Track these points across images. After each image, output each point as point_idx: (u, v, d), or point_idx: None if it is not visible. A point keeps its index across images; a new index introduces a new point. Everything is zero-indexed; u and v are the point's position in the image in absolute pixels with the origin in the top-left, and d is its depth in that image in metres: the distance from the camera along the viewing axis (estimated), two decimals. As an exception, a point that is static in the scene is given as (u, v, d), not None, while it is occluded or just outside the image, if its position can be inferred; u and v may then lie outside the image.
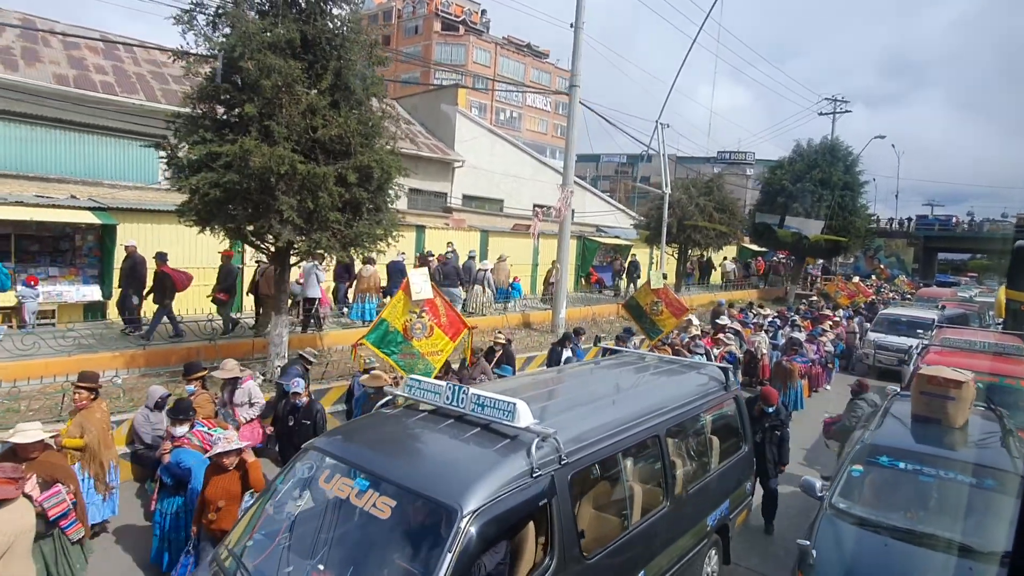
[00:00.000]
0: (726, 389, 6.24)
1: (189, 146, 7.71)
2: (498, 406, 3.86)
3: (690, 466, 5.49)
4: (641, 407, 4.92)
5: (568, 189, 14.61)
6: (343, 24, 8.43)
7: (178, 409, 5.67)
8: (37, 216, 10.58)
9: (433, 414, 4.19)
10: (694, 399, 5.60)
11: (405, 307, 7.60)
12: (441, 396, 4.15)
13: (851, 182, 26.18)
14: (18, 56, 17.46)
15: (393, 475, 3.52)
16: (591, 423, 4.36)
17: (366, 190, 8.52)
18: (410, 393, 4.34)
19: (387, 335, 7.54)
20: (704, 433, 5.78)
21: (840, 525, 5.21)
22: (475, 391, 4.04)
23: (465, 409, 4.00)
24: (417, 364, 7.58)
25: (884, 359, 16.19)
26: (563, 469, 3.79)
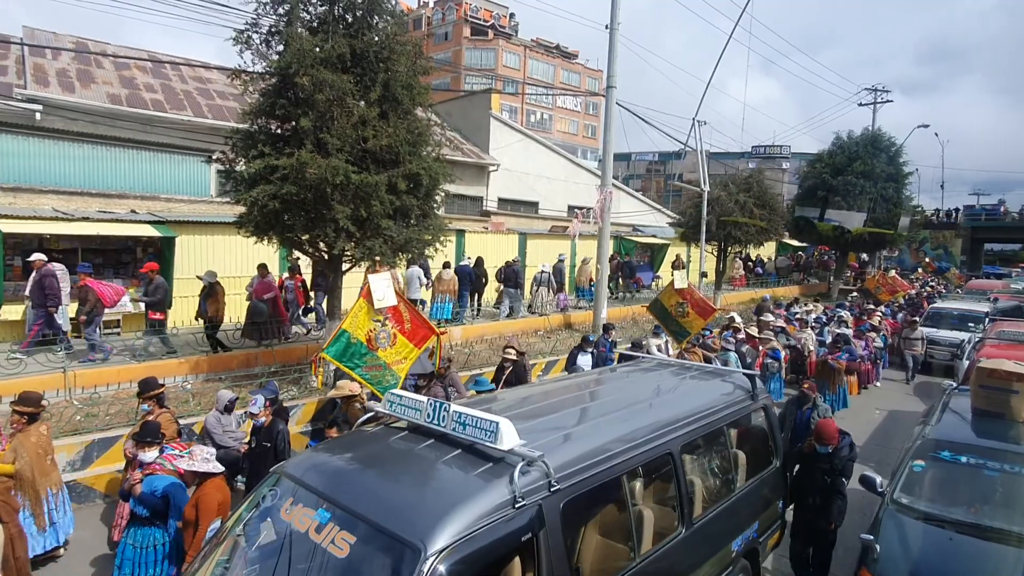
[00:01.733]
0: (753, 398, 5.68)
1: (248, 160, 8.05)
2: (480, 425, 3.43)
3: (711, 486, 5.06)
4: (651, 421, 4.46)
5: (607, 190, 14.67)
6: (389, 37, 8.69)
7: (145, 432, 5.16)
8: (104, 231, 11.15)
9: (414, 432, 3.79)
10: (715, 410, 5.10)
11: (367, 316, 7.12)
12: (422, 413, 3.73)
13: (895, 173, 25.56)
14: (74, 78, 18.37)
15: (355, 506, 3.13)
16: (590, 442, 3.92)
17: (415, 197, 8.78)
18: (390, 409, 3.94)
19: (349, 347, 7.01)
20: (727, 448, 5.29)
21: (903, 520, 5.22)
22: (457, 407, 3.61)
23: (446, 428, 3.59)
24: (385, 376, 7.15)
25: (936, 354, 15.79)
26: (553, 497, 3.36)
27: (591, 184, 31.78)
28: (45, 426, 5.69)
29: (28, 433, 5.39)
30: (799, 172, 33.55)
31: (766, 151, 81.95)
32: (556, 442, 3.81)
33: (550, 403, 4.80)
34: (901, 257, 42.65)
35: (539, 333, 14.99)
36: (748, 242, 19.24)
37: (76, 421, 7.52)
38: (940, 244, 48.63)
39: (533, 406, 4.65)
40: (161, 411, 6.14)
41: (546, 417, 4.35)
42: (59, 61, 19.33)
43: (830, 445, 5.80)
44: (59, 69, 18.63)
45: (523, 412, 4.31)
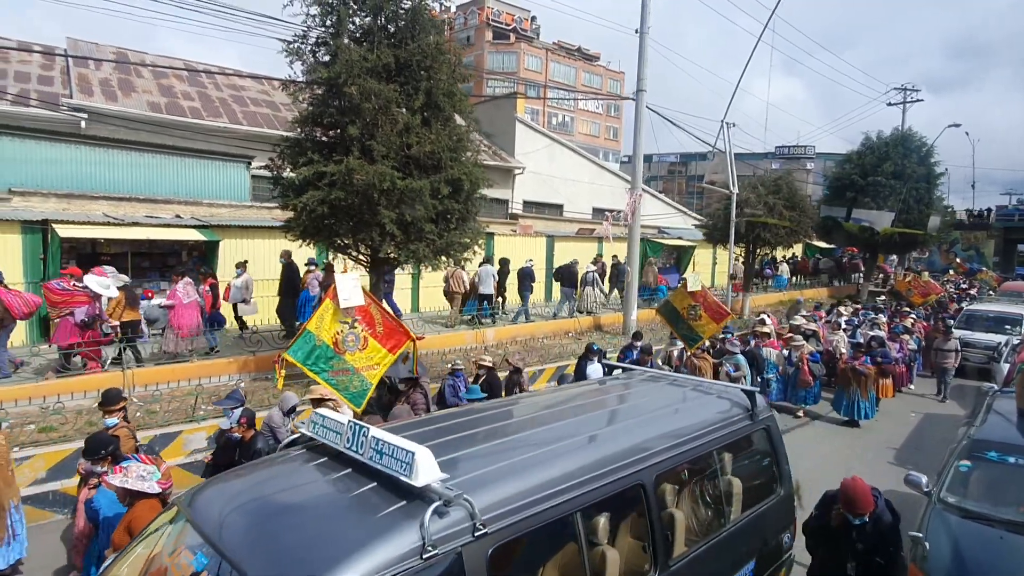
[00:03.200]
0: (752, 418, 4.98)
1: (297, 167, 8.34)
2: (396, 455, 2.98)
3: (698, 519, 4.57)
4: (620, 448, 3.91)
5: (637, 192, 14.80)
6: (432, 47, 8.94)
7: (92, 446, 4.96)
8: (153, 235, 11.57)
9: (333, 459, 3.37)
10: (704, 432, 4.49)
11: (334, 317, 6.74)
12: (342, 437, 3.31)
13: (927, 174, 25.26)
14: (116, 87, 19.00)
15: (233, 552, 2.71)
16: (537, 474, 3.37)
17: (456, 201, 9.01)
18: (312, 431, 3.54)
19: (314, 350, 6.66)
20: (718, 476, 4.70)
21: (951, 519, 5.30)
22: (377, 432, 3.17)
23: (364, 456, 3.15)
24: (352, 381, 6.78)
25: (972, 357, 15.59)
26: (478, 543, 2.87)
27: (615, 186, 31.88)
28: (3, 435, 5.39)
29: None
30: (828, 172, 33.28)
31: (790, 151, 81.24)
32: (492, 475, 3.27)
33: (500, 426, 4.15)
34: (931, 258, 42.01)
35: (569, 335, 15.15)
36: (777, 244, 19.19)
37: (137, 418, 7.86)
38: (971, 245, 47.80)
39: (477, 430, 4.00)
40: (123, 425, 5.86)
41: (489, 443, 3.76)
42: (101, 71, 19.98)
43: (861, 514, 4.47)
44: (102, 79, 19.27)
45: (461, 438, 3.77)
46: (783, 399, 11.99)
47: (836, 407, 11.73)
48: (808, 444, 10.20)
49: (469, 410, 4.72)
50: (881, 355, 12.46)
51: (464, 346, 12.90)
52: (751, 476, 5.09)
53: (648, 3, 14.52)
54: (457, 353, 12.00)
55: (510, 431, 4.10)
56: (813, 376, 11.68)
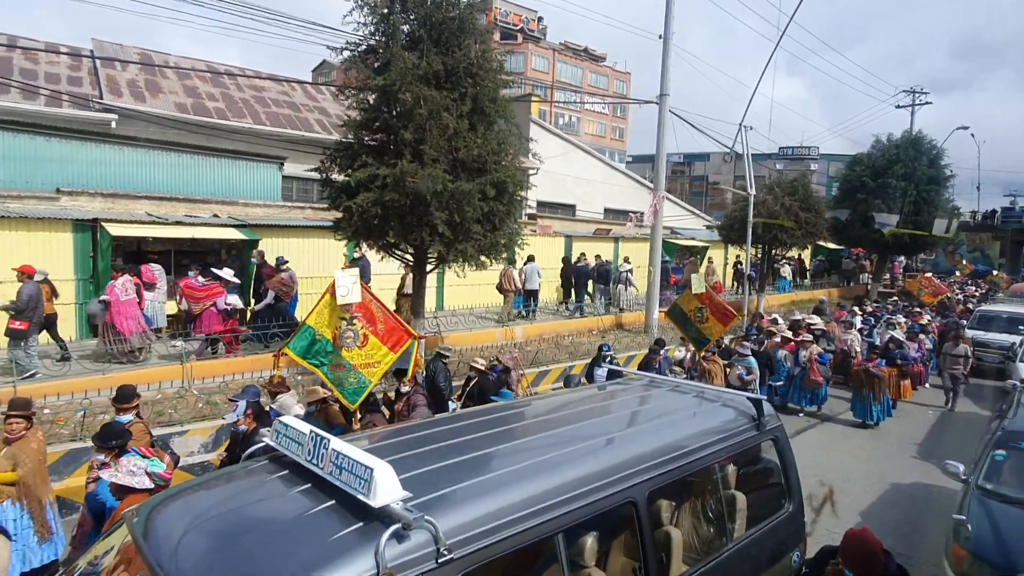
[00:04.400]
0: (758, 428, 4.70)
1: (353, 169, 8.71)
2: (355, 470, 2.77)
3: (698, 538, 4.35)
4: (609, 461, 3.64)
5: (660, 194, 15.17)
6: (479, 55, 9.31)
7: (104, 435, 5.02)
8: (197, 234, 11.95)
9: (295, 473, 3.17)
10: (704, 444, 4.21)
11: (333, 312, 6.72)
12: (304, 448, 3.11)
13: (936, 176, 25.62)
14: (143, 88, 19.36)
15: (168, 573, 2.56)
16: (513, 492, 3.11)
17: (501, 203, 9.38)
18: (275, 440, 3.35)
19: (314, 344, 6.67)
20: (720, 491, 4.47)
21: (989, 503, 5.67)
22: (337, 445, 2.96)
23: (324, 470, 2.95)
24: (347, 377, 6.70)
25: (985, 357, 15.94)
26: (442, 570, 2.66)
27: (626, 186, 32.27)
28: (40, 431, 5.46)
29: (28, 440, 5.17)
30: (837, 174, 33.64)
31: (793, 152, 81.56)
32: (462, 493, 3.02)
33: (480, 437, 3.85)
34: (936, 260, 42.41)
35: (593, 332, 15.52)
36: (793, 244, 19.57)
37: (199, 408, 8.23)
38: (977, 247, 48.19)
39: (453, 441, 3.70)
40: (137, 421, 5.86)
41: (464, 457, 3.45)
42: (127, 72, 20.34)
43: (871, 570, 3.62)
44: (129, 80, 19.63)
45: (435, 450, 3.51)
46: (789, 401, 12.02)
47: (852, 408, 11.81)
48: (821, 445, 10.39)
49: (451, 418, 4.39)
50: (900, 356, 12.58)
51: (493, 343, 13.27)
52: (757, 490, 4.86)
53: (672, 10, 14.88)
54: (489, 351, 12.38)
55: (490, 443, 3.75)
56: (822, 377, 11.65)
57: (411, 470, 3.10)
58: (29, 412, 5.28)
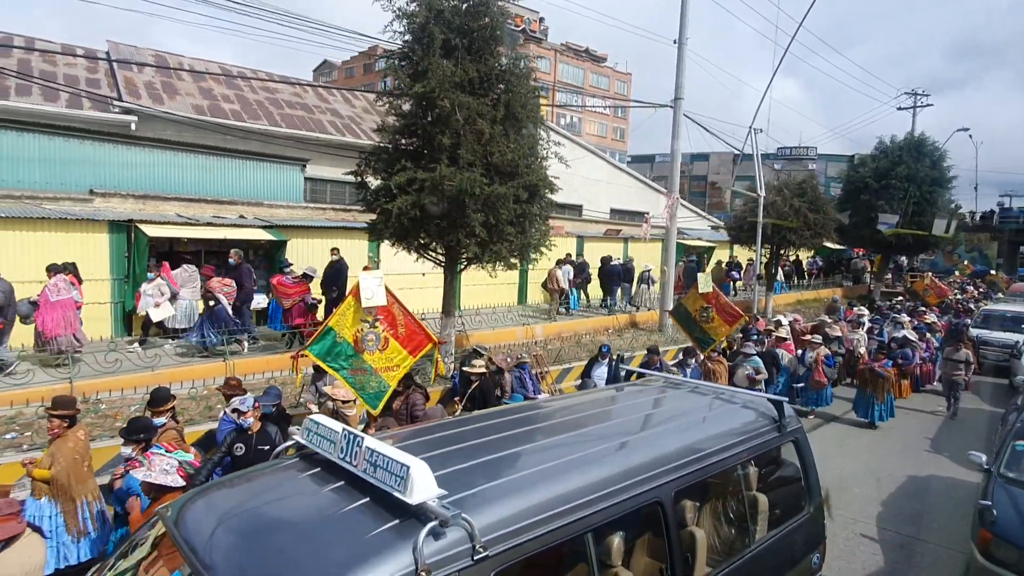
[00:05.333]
0: (780, 429, 4.72)
1: (393, 173, 9.01)
2: (390, 468, 2.79)
3: (721, 539, 4.38)
4: (635, 462, 3.67)
5: (674, 196, 15.52)
6: (510, 62, 9.64)
7: (131, 428, 5.14)
8: (229, 235, 12.25)
9: (328, 470, 3.19)
10: (727, 446, 4.24)
11: (356, 315, 6.66)
12: (336, 446, 3.15)
13: (939, 177, 26.07)
14: (160, 90, 19.63)
15: (210, 571, 2.58)
16: (543, 491, 3.14)
17: (533, 205, 9.70)
18: (306, 438, 3.40)
19: (335, 346, 6.59)
20: (742, 492, 4.49)
21: (1012, 490, 6.04)
22: (371, 443, 2.98)
23: (357, 468, 2.98)
24: (369, 381, 6.67)
25: (990, 355, 16.33)
26: (478, 567, 2.69)
27: (630, 187, 32.62)
28: (83, 431, 5.46)
29: (66, 438, 5.22)
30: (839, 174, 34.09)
31: (792, 152, 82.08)
32: (495, 492, 3.05)
33: (506, 437, 3.87)
34: (935, 260, 42.90)
35: (609, 331, 15.86)
36: (802, 245, 19.97)
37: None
38: (975, 247, 48.71)
39: (481, 440, 3.74)
40: (172, 425, 5.89)
41: (494, 456, 3.49)
42: (143, 74, 20.59)
43: None
44: (146, 82, 19.87)
45: (464, 449, 3.55)
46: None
47: (855, 408, 11.93)
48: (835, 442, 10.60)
49: (474, 418, 4.39)
50: (901, 356, 12.77)
51: (515, 341, 13.60)
52: (778, 492, 4.90)
53: (687, 16, 15.23)
54: (515, 348, 12.71)
55: (517, 443, 3.81)
56: (827, 378, 11.66)
57: (442, 468, 3.07)
58: (70, 411, 5.30)
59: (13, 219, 10.52)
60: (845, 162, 67.14)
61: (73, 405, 5.42)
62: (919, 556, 6.98)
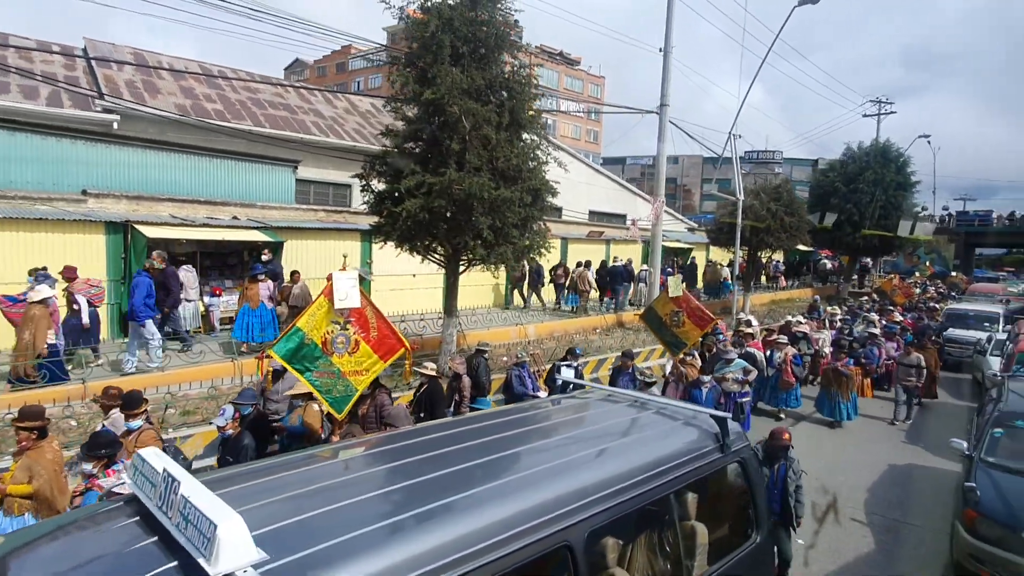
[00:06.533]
0: (723, 450, 4.25)
1: (402, 177, 9.25)
2: (200, 525, 2.29)
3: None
4: (539, 499, 3.11)
5: (660, 199, 16.03)
6: (513, 69, 9.96)
7: (93, 444, 4.85)
8: (227, 236, 12.28)
9: (146, 521, 2.67)
10: (659, 472, 3.72)
11: (326, 316, 6.40)
12: (156, 491, 2.62)
13: (903, 182, 27.27)
14: (142, 88, 19.40)
15: None
16: (407, 546, 2.56)
17: (536, 208, 10.04)
18: (133, 477, 2.85)
19: (302, 348, 6.30)
20: (676, 524, 3.90)
21: (993, 473, 6.58)
22: (187, 489, 2.45)
23: (172, 520, 2.47)
24: (336, 384, 6.38)
25: (954, 352, 17.18)
26: None
27: (608, 189, 33.23)
28: (56, 440, 5.27)
29: (43, 450, 4.95)
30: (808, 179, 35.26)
31: (758, 156, 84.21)
32: (338, 553, 2.43)
33: (378, 472, 3.38)
34: (896, 261, 44.62)
35: (597, 331, 16.29)
36: (778, 247, 20.75)
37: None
38: (933, 249, 50.77)
39: (345, 477, 3.22)
40: (148, 428, 5.68)
41: (351, 500, 2.88)
42: (123, 72, 20.30)
43: None
44: (126, 80, 19.61)
45: (318, 491, 2.98)
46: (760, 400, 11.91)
47: (819, 407, 11.94)
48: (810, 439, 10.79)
49: (358, 445, 3.90)
50: (864, 355, 13.06)
51: (509, 341, 13.91)
52: (721, 520, 4.43)
53: (672, 25, 15.76)
54: (513, 348, 13.02)
55: (394, 479, 3.23)
56: (796, 378, 11.72)
57: (282, 519, 2.60)
58: (39, 423, 5.01)
59: (10, 220, 10.43)
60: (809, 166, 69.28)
61: (42, 415, 5.08)
62: (906, 537, 7.51)
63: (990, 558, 5.87)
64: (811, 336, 13.85)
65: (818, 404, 11.93)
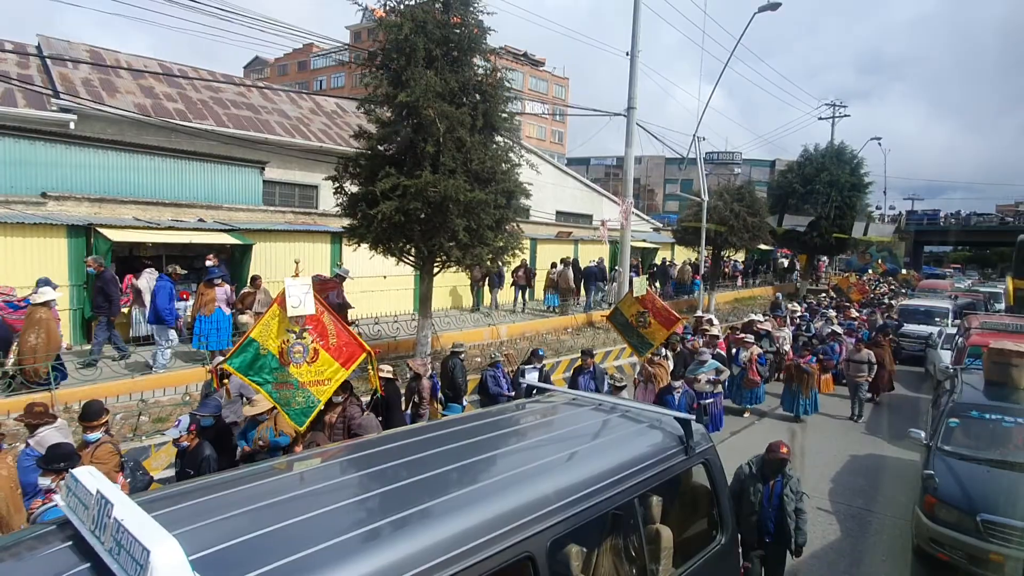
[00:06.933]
0: (687, 452, 4.27)
1: (378, 179, 9.23)
2: (133, 551, 2.16)
3: None
4: (499, 508, 3.05)
5: (628, 201, 16.32)
6: (487, 72, 10.04)
7: (51, 457, 4.60)
8: (194, 239, 12.04)
9: (78, 545, 2.52)
10: (622, 477, 3.70)
11: (281, 325, 6.09)
12: (89, 513, 2.47)
13: (857, 183, 28.29)
14: (99, 87, 18.85)
15: None
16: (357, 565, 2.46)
17: (509, 209, 10.15)
18: (65, 499, 2.69)
19: (257, 359, 6.01)
20: (640, 528, 3.87)
21: (950, 461, 6.97)
22: (121, 512, 2.30)
23: (104, 545, 2.33)
24: (295, 396, 6.12)
25: (906, 345, 17.96)
26: None
27: (575, 189, 33.61)
28: (11, 455, 4.97)
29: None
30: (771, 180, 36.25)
31: (718, 157, 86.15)
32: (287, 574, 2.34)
33: (330, 487, 3.28)
34: (850, 259, 46.22)
35: (568, 330, 16.49)
36: (741, 246, 21.32)
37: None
38: (884, 247, 52.77)
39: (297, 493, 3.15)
40: (107, 440, 5.48)
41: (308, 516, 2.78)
42: (80, 71, 19.70)
43: None
44: (83, 79, 19.04)
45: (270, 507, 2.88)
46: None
47: (783, 403, 12.30)
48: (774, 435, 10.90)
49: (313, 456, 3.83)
50: (823, 352, 13.52)
51: (482, 341, 13.99)
52: (685, 523, 4.46)
53: (638, 30, 16.06)
54: (486, 348, 13.10)
55: (346, 492, 3.15)
56: (760, 377, 12.00)
57: (227, 539, 2.49)
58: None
59: (-35, 224, 10.05)
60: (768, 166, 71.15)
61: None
62: (869, 524, 7.89)
63: (949, 541, 6.22)
64: (773, 334, 14.14)
65: (783, 400, 12.26)
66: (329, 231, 14.89)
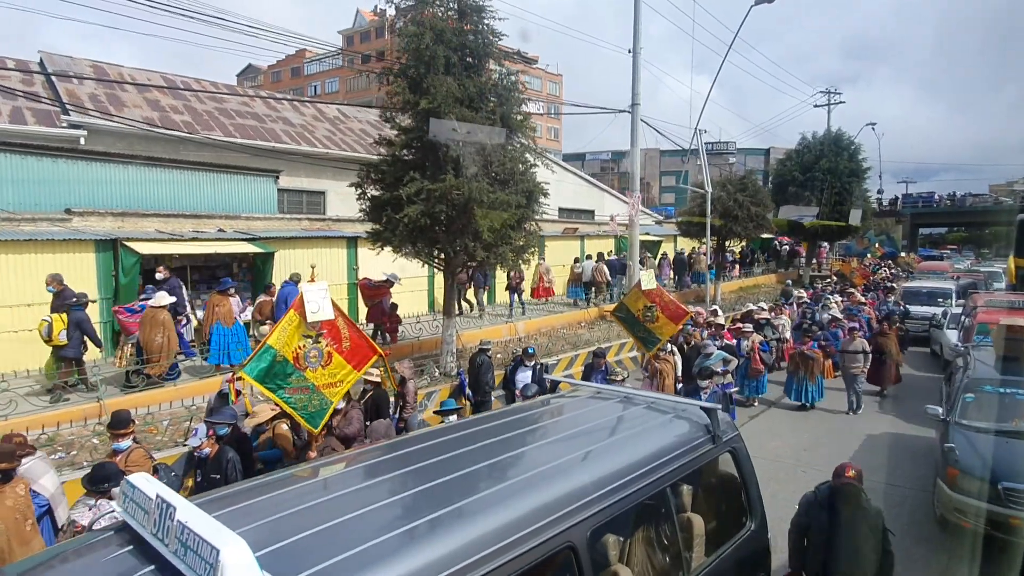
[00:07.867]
0: (714, 440, 4.33)
1: (402, 184, 9.52)
2: (201, 551, 2.25)
3: (651, 573, 3.90)
4: (540, 501, 3.14)
5: (636, 195, 16.64)
6: (502, 76, 10.34)
7: (95, 478, 4.50)
8: (219, 249, 12.32)
9: (141, 549, 2.60)
10: (654, 467, 3.80)
11: (298, 331, 6.15)
12: (150, 517, 2.56)
13: (855, 169, 28.64)
14: (106, 102, 19.08)
15: None
16: (418, 556, 2.57)
17: (530, 209, 10.46)
18: (123, 505, 2.78)
19: (273, 366, 6.03)
20: (673, 516, 4.00)
21: (968, 434, 7.30)
22: (184, 515, 2.41)
23: (168, 548, 2.43)
24: (311, 400, 6.21)
25: (911, 327, 18.26)
26: None
27: (576, 185, 33.91)
28: (23, 484, 4.65)
29: (2, 496, 4.41)
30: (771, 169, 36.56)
31: (713, 147, 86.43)
32: (351, 566, 2.43)
33: (384, 482, 3.37)
34: (849, 244, 46.58)
35: (581, 324, 16.81)
36: (746, 236, 21.67)
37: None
38: (883, 231, 53.19)
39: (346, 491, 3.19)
40: (136, 448, 5.52)
41: (358, 512, 2.87)
42: (85, 86, 19.92)
43: None
44: (90, 94, 19.28)
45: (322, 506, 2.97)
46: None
47: (787, 392, 12.18)
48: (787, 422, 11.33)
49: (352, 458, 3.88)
50: (824, 338, 13.29)
51: (501, 338, 14.30)
52: (715, 511, 4.52)
53: (640, 27, 16.36)
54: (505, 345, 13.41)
55: (400, 488, 3.26)
56: (764, 365, 11.91)
57: (284, 537, 2.57)
58: (5, 464, 4.47)
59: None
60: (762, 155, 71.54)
61: (12, 456, 4.53)
62: (891, 497, 8.21)
63: (972, 510, 6.55)
64: (772, 322, 13.97)
65: (786, 389, 12.22)
66: (344, 236, 15.17)
